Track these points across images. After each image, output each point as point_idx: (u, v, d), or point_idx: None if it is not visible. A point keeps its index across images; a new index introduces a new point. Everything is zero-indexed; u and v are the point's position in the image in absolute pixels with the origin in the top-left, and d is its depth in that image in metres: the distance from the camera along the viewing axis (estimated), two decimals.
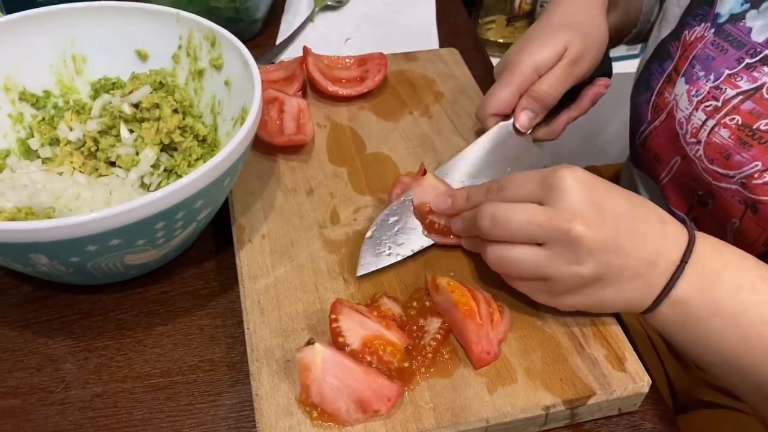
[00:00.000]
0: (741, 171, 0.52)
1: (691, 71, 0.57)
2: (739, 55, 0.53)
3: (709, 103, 0.54)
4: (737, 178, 0.52)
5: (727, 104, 0.53)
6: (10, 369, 0.49)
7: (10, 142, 0.58)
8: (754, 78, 0.52)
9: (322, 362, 0.43)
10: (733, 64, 0.54)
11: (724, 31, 0.55)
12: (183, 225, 0.47)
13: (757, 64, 0.52)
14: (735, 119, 0.52)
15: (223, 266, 0.56)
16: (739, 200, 0.53)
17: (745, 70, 0.53)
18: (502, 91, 0.60)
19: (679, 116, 0.57)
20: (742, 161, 0.52)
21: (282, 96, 0.64)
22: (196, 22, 0.57)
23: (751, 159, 0.51)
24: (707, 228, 0.60)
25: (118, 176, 0.55)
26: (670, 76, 0.60)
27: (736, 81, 0.53)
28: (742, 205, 0.53)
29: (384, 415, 0.43)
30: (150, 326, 0.52)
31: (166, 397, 0.47)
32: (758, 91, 0.51)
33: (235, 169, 0.48)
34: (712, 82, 0.54)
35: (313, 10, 0.88)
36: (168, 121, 0.55)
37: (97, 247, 0.43)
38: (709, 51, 0.56)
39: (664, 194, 0.64)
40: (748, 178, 0.51)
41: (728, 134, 0.52)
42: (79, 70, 0.61)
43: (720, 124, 0.53)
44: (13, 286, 0.54)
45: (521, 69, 0.59)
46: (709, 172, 0.55)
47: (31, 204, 0.51)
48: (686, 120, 0.56)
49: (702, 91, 0.55)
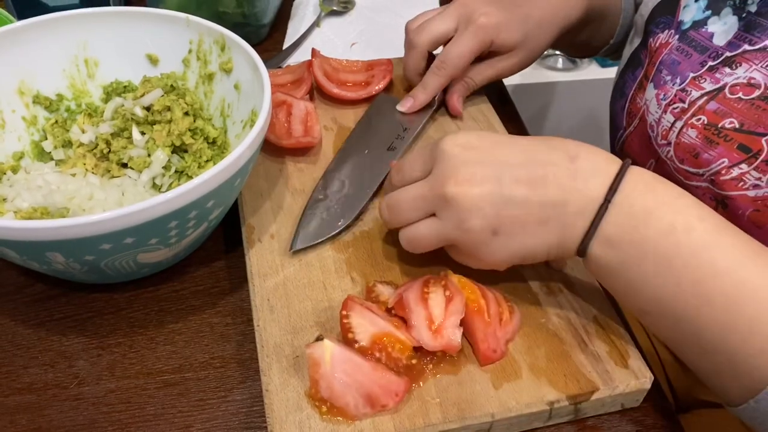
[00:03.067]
0: (709, 168, 0.53)
1: (659, 76, 0.58)
2: (703, 59, 0.55)
3: (677, 105, 0.56)
4: (706, 176, 0.53)
5: (693, 105, 0.54)
6: (26, 365, 0.50)
7: (24, 145, 0.59)
8: (717, 79, 0.53)
9: (331, 358, 0.44)
10: (697, 67, 0.55)
11: (688, 37, 0.57)
12: (195, 224, 0.48)
13: (718, 66, 0.54)
14: (701, 119, 0.53)
15: (233, 265, 0.57)
16: (710, 197, 0.54)
17: (708, 72, 0.54)
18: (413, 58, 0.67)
19: (650, 120, 0.59)
20: (710, 159, 0.53)
21: (290, 99, 0.65)
22: (206, 26, 0.59)
23: (718, 156, 0.52)
24: None
25: (130, 177, 0.56)
26: (641, 82, 0.61)
27: (700, 83, 0.54)
28: (713, 202, 0.54)
29: (392, 409, 0.44)
30: (161, 324, 0.53)
31: (177, 393, 0.48)
32: (721, 92, 0.53)
33: (246, 169, 0.49)
34: (678, 85, 0.56)
35: (319, 15, 0.89)
36: (179, 123, 0.56)
37: (112, 245, 0.44)
38: (674, 56, 0.57)
39: None
40: (716, 174, 0.52)
41: (695, 134, 0.54)
42: (91, 74, 0.62)
43: (687, 124, 0.54)
44: (28, 285, 0.55)
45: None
46: (681, 172, 0.56)
47: (46, 204, 0.52)
48: (656, 123, 0.58)
49: (669, 95, 0.57)
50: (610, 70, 1.40)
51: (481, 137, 0.47)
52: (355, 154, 0.62)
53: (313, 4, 0.91)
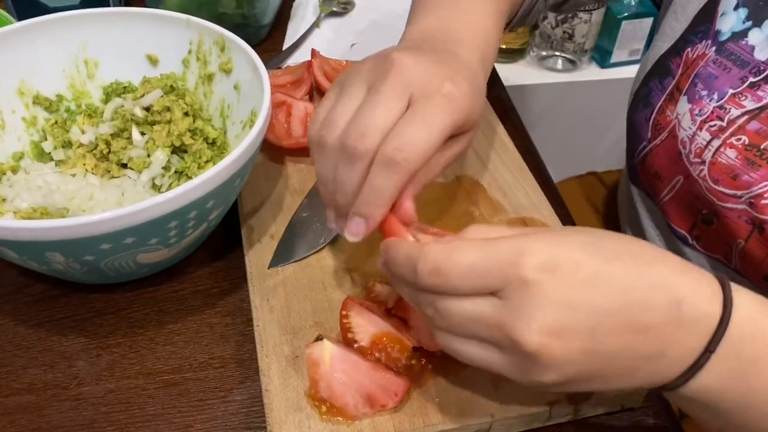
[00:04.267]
0: (749, 191, 0.51)
1: (694, 90, 0.55)
2: (743, 74, 0.52)
3: (714, 123, 0.53)
4: (745, 198, 0.51)
5: (732, 124, 0.52)
6: (25, 366, 0.50)
7: (24, 145, 0.59)
8: (759, 97, 0.51)
9: (331, 358, 0.44)
10: (736, 83, 0.53)
11: (726, 49, 0.54)
12: (195, 225, 0.48)
13: (761, 83, 0.51)
14: (741, 139, 0.51)
15: (232, 265, 0.57)
16: (746, 220, 0.52)
17: (749, 89, 0.52)
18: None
19: (682, 135, 0.56)
20: (750, 181, 0.51)
21: (290, 100, 0.65)
22: (206, 27, 0.59)
23: (760, 179, 0.50)
24: (711, 247, 0.59)
25: (130, 178, 0.56)
26: (672, 93, 0.58)
27: (741, 100, 0.52)
28: (749, 225, 0.52)
29: (391, 409, 0.44)
30: (161, 324, 0.53)
31: (177, 393, 0.48)
32: (763, 111, 0.51)
33: (246, 170, 0.49)
34: (716, 101, 0.53)
35: (319, 15, 0.89)
36: (179, 124, 0.56)
37: (112, 245, 0.44)
38: (711, 69, 0.54)
39: (665, 212, 0.63)
40: (757, 198, 0.50)
41: (735, 154, 0.52)
42: (91, 75, 0.62)
43: (726, 144, 0.52)
44: (27, 285, 0.55)
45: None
46: (714, 192, 0.54)
47: (46, 204, 0.52)
48: (689, 140, 0.55)
49: (706, 111, 0.54)
50: (610, 71, 1.40)
51: (568, 257, 0.34)
52: None
53: (312, 5, 0.92)
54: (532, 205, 0.59)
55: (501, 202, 0.59)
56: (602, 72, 1.41)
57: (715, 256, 0.60)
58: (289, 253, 0.54)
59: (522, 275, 0.33)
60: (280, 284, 0.52)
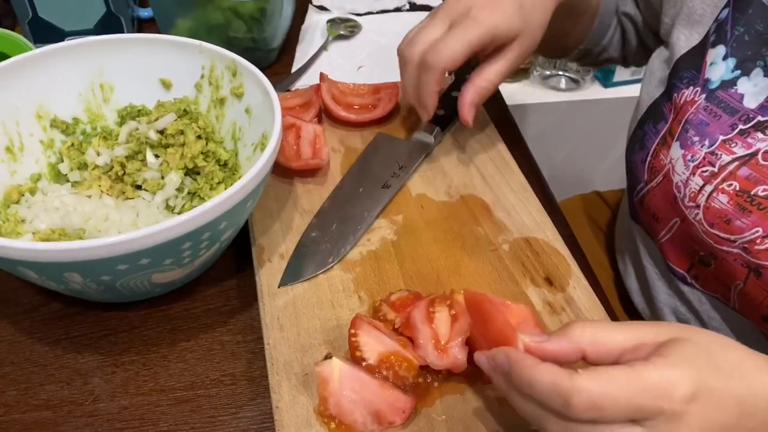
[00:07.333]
0: (742, 236, 0.51)
1: (685, 136, 0.56)
2: (733, 121, 0.53)
3: (706, 169, 0.54)
4: (739, 243, 0.52)
5: (723, 170, 0.53)
6: (42, 383, 0.51)
7: (41, 167, 0.61)
8: (749, 144, 0.52)
9: (340, 376, 0.45)
10: (726, 130, 0.53)
11: (716, 97, 0.55)
12: (208, 245, 0.49)
13: (750, 130, 0.52)
14: (732, 185, 0.52)
15: (243, 284, 0.58)
16: (742, 264, 0.53)
17: (739, 136, 0.53)
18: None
19: (676, 180, 0.57)
20: (742, 227, 0.52)
21: (299, 122, 0.67)
22: (218, 53, 0.61)
23: (752, 225, 0.51)
24: (710, 287, 0.60)
25: (144, 199, 0.58)
26: (665, 138, 0.59)
27: (731, 147, 0.53)
28: (746, 269, 0.52)
29: (398, 426, 0.45)
30: (174, 342, 0.54)
31: (190, 409, 0.50)
32: (753, 157, 0.51)
33: (257, 192, 0.51)
34: (707, 147, 0.54)
35: (326, 39, 0.91)
36: (192, 146, 0.58)
37: (128, 266, 0.46)
38: (702, 116, 0.55)
39: (663, 252, 0.64)
40: (750, 243, 0.51)
41: (727, 200, 0.52)
42: (106, 99, 0.64)
43: (718, 189, 0.53)
44: (44, 304, 0.57)
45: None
46: (710, 236, 0.54)
47: (64, 225, 0.54)
48: (683, 184, 0.56)
49: (697, 157, 0.55)
50: (613, 91, 1.42)
51: (705, 385, 0.36)
52: (349, 192, 0.63)
53: (320, 29, 0.94)
54: (535, 225, 0.60)
55: (505, 222, 0.60)
56: (605, 91, 1.43)
57: (714, 295, 0.60)
58: (299, 272, 0.55)
59: (674, 409, 0.35)
60: (290, 303, 0.53)
